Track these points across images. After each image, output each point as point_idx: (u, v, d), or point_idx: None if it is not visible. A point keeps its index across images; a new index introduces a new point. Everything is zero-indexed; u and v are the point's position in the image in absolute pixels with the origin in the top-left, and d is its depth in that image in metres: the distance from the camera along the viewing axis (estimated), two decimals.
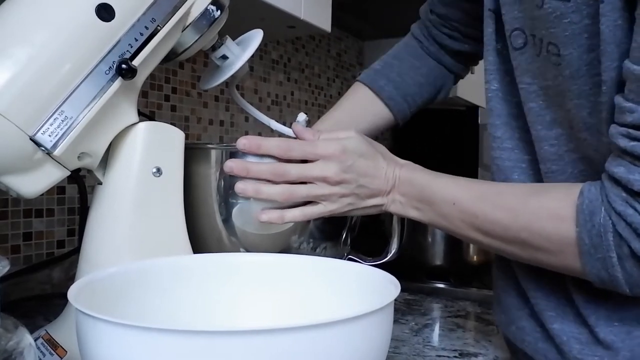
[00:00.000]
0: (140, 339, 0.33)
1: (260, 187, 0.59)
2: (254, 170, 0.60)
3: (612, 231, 0.46)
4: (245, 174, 0.60)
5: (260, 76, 1.37)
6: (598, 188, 0.48)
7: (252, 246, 0.64)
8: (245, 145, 0.60)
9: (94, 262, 0.55)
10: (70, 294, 0.39)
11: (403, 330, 0.75)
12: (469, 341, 0.72)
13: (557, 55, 0.49)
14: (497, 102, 0.59)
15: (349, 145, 0.60)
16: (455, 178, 0.60)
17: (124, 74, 0.51)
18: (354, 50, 1.79)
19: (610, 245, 0.46)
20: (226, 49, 0.63)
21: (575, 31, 0.47)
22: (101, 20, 0.50)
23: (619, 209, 0.45)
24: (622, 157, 0.46)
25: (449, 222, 0.59)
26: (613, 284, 0.48)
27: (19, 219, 0.85)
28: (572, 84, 0.49)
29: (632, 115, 0.44)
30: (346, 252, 0.72)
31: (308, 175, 0.60)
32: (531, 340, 0.59)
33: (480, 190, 0.57)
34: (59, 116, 0.48)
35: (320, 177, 0.59)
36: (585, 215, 0.47)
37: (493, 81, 0.59)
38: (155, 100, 1.08)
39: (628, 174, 0.45)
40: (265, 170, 0.60)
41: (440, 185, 0.60)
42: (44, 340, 0.55)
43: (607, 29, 0.44)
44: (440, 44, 0.82)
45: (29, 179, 0.49)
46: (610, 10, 0.43)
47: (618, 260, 0.46)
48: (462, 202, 0.57)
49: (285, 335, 0.32)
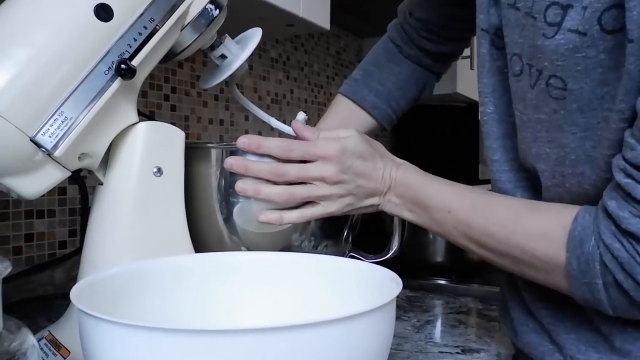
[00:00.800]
0: (142, 338, 0.33)
1: (259, 187, 0.60)
2: (253, 168, 0.60)
3: (599, 261, 0.47)
4: (245, 172, 0.60)
5: (260, 75, 1.37)
6: (592, 216, 0.48)
7: (253, 245, 0.64)
8: (245, 144, 0.60)
9: (95, 262, 0.55)
10: (73, 294, 0.39)
11: (405, 327, 0.75)
12: (471, 337, 0.72)
13: (561, 90, 0.48)
14: (492, 125, 0.59)
15: (348, 146, 0.60)
16: (451, 184, 0.60)
17: (123, 74, 0.51)
18: (353, 48, 1.79)
19: (597, 272, 0.47)
20: (225, 48, 0.63)
21: (589, 66, 0.46)
22: (100, 21, 0.50)
23: (607, 241, 0.46)
24: (616, 191, 0.46)
25: (442, 229, 0.59)
26: (597, 306, 0.49)
27: (20, 220, 0.85)
28: (579, 117, 0.49)
29: (632, 152, 0.44)
30: (347, 250, 0.72)
31: (307, 175, 0.60)
32: (538, 355, 0.59)
33: (476, 201, 0.57)
34: (59, 117, 0.48)
35: (318, 177, 0.60)
36: (575, 242, 0.48)
37: (488, 104, 0.59)
38: (154, 100, 1.08)
39: (618, 209, 0.45)
40: (265, 169, 0.60)
41: (435, 191, 0.60)
42: (47, 341, 0.55)
43: (637, 69, 0.43)
44: (420, 47, 0.82)
45: (29, 180, 0.49)
46: (639, 50, 0.42)
47: (603, 286, 0.47)
48: (457, 211, 0.57)
49: (287, 333, 0.33)
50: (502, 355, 0.66)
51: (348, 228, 0.70)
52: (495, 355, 0.66)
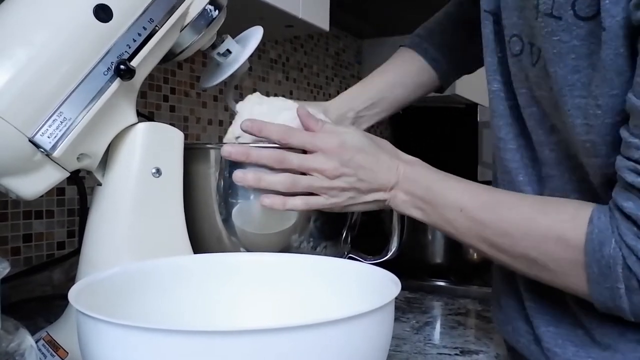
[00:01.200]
0: (141, 339, 0.33)
1: (261, 175, 0.59)
2: (254, 154, 0.59)
3: (621, 264, 0.45)
4: (245, 159, 0.59)
5: (259, 75, 1.37)
6: (608, 217, 0.47)
7: (252, 246, 0.64)
8: (248, 127, 0.60)
9: (94, 263, 0.55)
10: (71, 295, 0.39)
11: (404, 328, 0.75)
12: (470, 339, 0.72)
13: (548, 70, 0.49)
14: (499, 103, 0.59)
15: (348, 140, 0.60)
16: (463, 181, 0.59)
17: (123, 75, 0.51)
18: (353, 49, 1.79)
19: (619, 276, 0.46)
20: (226, 47, 0.63)
21: (562, 50, 0.46)
22: (99, 21, 0.50)
23: (630, 243, 0.45)
24: (629, 191, 0.45)
25: (453, 228, 0.58)
26: (618, 312, 0.48)
27: (18, 221, 0.85)
28: (560, 100, 0.49)
29: (639, 152, 0.43)
30: (346, 251, 0.72)
31: (308, 166, 0.59)
32: (525, 342, 0.59)
33: (490, 200, 0.56)
34: (58, 117, 0.48)
35: (318, 170, 0.59)
36: (594, 245, 0.47)
37: (493, 82, 0.59)
38: (154, 101, 1.08)
39: (637, 210, 0.44)
40: (266, 155, 0.59)
41: (446, 188, 0.58)
42: (45, 342, 0.55)
43: (608, 57, 0.43)
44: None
45: (28, 181, 0.49)
46: (612, 39, 0.42)
47: (626, 292, 0.46)
48: (470, 210, 0.55)
49: (286, 334, 0.32)
50: (501, 356, 0.66)
51: (347, 229, 0.70)
52: (494, 356, 0.66)
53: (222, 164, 0.62)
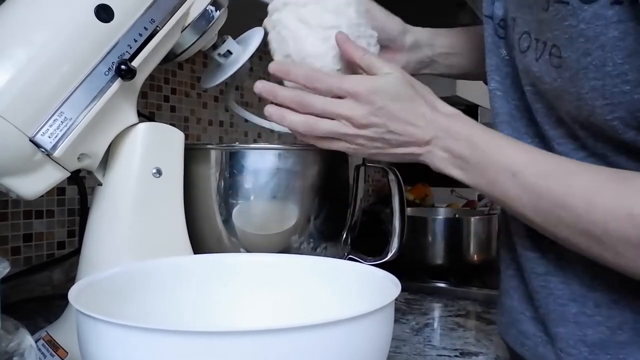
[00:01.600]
0: (140, 339, 0.33)
1: (284, 113, 0.57)
2: (281, 94, 0.57)
3: None
4: (272, 98, 0.58)
5: (260, 76, 1.36)
6: None
7: (252, 246, 0.64)
8: (276, 70, 0.59)
9: (94, 263, 0.55)
10: (71, 295, 0.39)
11: (404, 329, 0.75)
12: (470, 340, 0.72)
13: (558, 58, 0.49)
14: (498, 101, 0.59)
15: (382, 85, 0.55)
16: (518, 142, 0.53)
17: (123, 75, 0.51)
18: None
19: None
20: (227, 47, 0.63)
21: (573, 34, 0.47)
22: (100, 21, 0.50)
23: None
24: None
25: (500, 193, 0.52)
26: None
27: (19, 221, 0.85)
28: (571, 86, 0.49)
29: None
30: (346, 252, 0.72)
31: (333, 111, 0.55)
32: (531, 345, 0.59)
33: (550, 165, 0.50)
34: (59, 117, 0.48)
35: (344, 116, 0.55)
36: None
37: (492, 81, 0.59)
38: (154, 101, 1.08)
39: None
40: (289, 96, 0.57)
41: (496, 147, 0.52)
42: (44, 342, 0.55)
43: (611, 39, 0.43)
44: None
45: (28, 181, 0.49)
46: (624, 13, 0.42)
47: None
48: (526, 175, 0.49)
49: (286, 335, 0.32)
50: (501, 358, 0.66)
51: (347, 230, 0.70)
52: (494, 358, 0.66)
53: (223, 164, 0.62)
